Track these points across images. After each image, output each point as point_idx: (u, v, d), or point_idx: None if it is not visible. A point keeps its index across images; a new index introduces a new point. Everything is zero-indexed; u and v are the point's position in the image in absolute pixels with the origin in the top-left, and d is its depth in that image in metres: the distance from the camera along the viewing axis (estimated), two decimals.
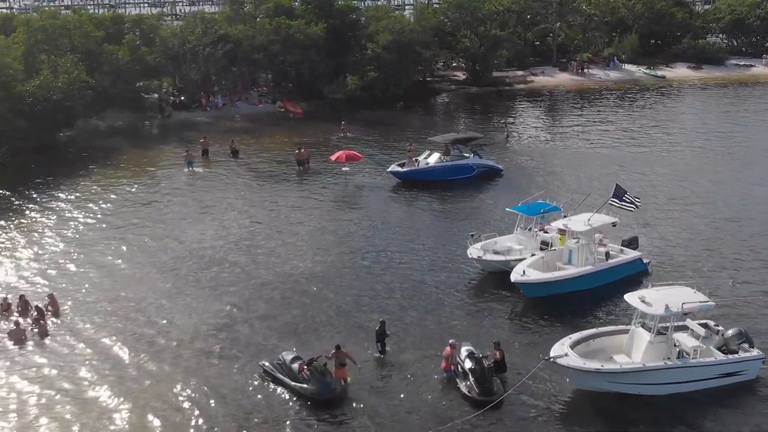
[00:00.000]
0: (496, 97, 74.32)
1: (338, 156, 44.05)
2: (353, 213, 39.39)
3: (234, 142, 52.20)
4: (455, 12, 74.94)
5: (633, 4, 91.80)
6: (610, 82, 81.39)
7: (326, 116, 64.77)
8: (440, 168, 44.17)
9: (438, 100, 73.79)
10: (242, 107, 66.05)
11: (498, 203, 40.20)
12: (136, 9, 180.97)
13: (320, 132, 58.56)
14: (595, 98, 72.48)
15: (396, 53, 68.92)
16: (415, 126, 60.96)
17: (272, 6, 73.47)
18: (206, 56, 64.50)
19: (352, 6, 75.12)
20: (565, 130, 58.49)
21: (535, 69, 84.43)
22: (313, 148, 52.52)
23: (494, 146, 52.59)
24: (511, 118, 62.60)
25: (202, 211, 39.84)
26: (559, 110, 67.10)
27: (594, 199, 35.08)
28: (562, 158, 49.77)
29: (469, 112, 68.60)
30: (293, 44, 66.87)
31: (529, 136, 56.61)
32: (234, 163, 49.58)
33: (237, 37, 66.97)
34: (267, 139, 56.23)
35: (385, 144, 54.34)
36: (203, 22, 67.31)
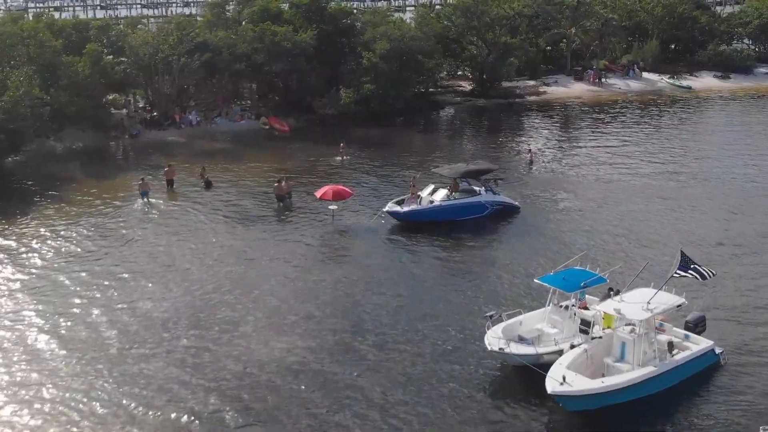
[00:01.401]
0: (506, 111, 66.89)
1: (324, 193, 36.64)
2: (340, 268, 31.91)
3: (205, 170, 44.82)
4: (461, 16, 67.48)
5: (653, 7, 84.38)
6: (631, 93, 73.91)
7: (316, 134, 57.44)
8: (447, 207, 36.75)
9: (442, 114, 66.33)
10: (221, 124, 58.66)
11: (518, 256, 32.85)
12: (129, 10, 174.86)
13: (310, 154, 51.15)
14: (617, 112, 64.99)
15: (395, 63, 61.55)
16: (416, 147, 53.53)
17: (257, 10, 66.13)
18: (181, 67, 57.09)
19: (346, 10, 67.70)
20: (590, 152, 50.96)
21: (548, 78, 77.01)
22: (301, 175, 45.21)
23: (511, 171, 45.18)
24: (533, 140, 54.88)
25: (150, 266, 32.47)
26: (579, 127, 59.59)
27: (642, 254, 27.73)
28: (592, 191, 42.24)
29: (478, 129, 61.15)
30: (279, 53, 59.51)
31: (548, 160, 49.10)
32: (204, 196, 42.19)
33: (217, 45, 59.59)
34: (247, 164, 48.73)
35: (381, 171, 46.80)
36: (179, 28, 59.91)
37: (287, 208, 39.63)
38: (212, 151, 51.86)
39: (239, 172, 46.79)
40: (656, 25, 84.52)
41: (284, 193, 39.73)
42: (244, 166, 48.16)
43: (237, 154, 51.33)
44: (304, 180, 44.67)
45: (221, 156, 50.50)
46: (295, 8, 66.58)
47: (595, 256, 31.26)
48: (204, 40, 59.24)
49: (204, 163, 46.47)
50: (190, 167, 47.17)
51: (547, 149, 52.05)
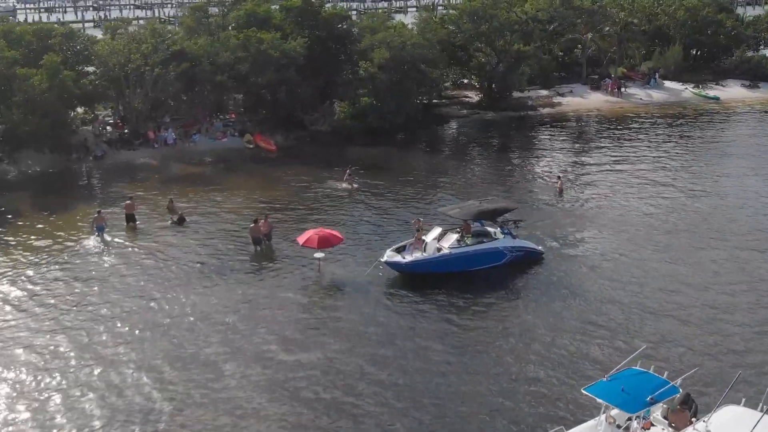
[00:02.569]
0: (517, 126, 60.48)
1: (308, 239, 30.18)
2: (329, 343, 25.46)
3: (173, 203, 38.47)
4: (468, 21, 61.03)
5: (674, 10, 77.91)
6: (654, 105, 67.43)
7: (307, 154, 51.03)
8: (458, 256, 30.33)
9: (447, 129, 59.88)
10: (201, 142, 52.22)
11: (549, 324, 26.49)
12: (120, 11, 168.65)
13: (300, 178, 44.78)
14: (642, 127, 58.53)
15: (395, 73, 55.16)
16: (418, 170, 47.07)
17: (243, 14, 59.76)
18: (154, 78, 50.71)
19: (341, 13, 61.28)
20: (621, 177, 44.38)
21: (562, 87, 70.51)
22: (287, 206, 38.92)
23: (532, 202, 38.70)
24: (554, 160, 48.29)
25: (99, 330, 26.14)
26: (603, 146, 53.00)
27: (722, 343, 21.34)
28: (633, 228, 35.77)
29: (487, 148, 54.63)
30: (266, 63, 53.11)
31: (573, 187, 42.50)
32: (171, 233, 35.82)
33: (196, 53, 53.21)
34: (226, 192, 42.30)
35: (378, 203, 40.37)
36: (154, 35, 53.52)
37: (266, 253, 33.24)
38: (187, 176, 45.43)
39: (216, 202, 40.36)
40: (678, 30, 78.07)
41: (262, 234, 33.32)
42: (222, 195, 41.70)
43: (215, 179, 44.89)
44: (290, 212, 38.37)
45: (197, 182, 44.08)
46: (286, 12, 60.19)
47: (655, 339, 24.80)
48: (181, 48, 52.86)
49: (172, 195, 40.21)
50: (158, 197, 40.89)
51: (571, 173, 45.53)
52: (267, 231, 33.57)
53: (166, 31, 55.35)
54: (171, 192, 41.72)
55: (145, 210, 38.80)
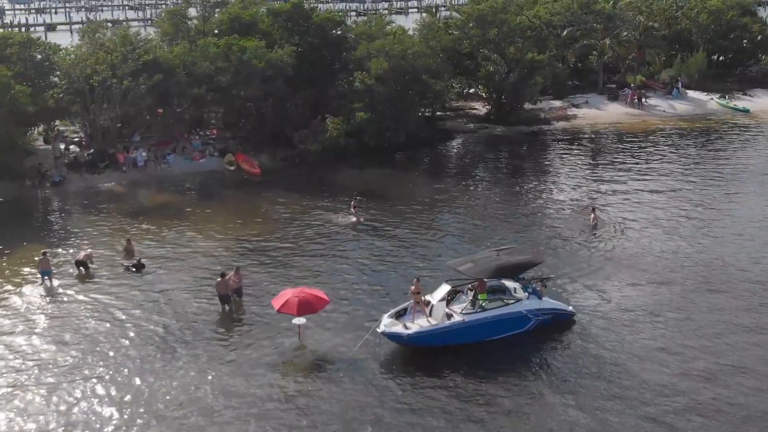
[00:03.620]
0: (530, 142, 54.54)
1: (285, 304, 24.24)
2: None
3: (131, 243, 32.62)
4: (475, 27, 55.10)
5: (697, 13, 72.00)
6: (679, 117, 61.48)
7: (295, 178, 45.18)
8: (473, 325, 24.39)
9: (452, 146, 53.89)
10: (175, 164, 46.28)
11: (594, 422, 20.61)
12: (111, 12, 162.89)
13: (287, 210, 38.91)
14: (672, 145, 52.49)
15: (395, 85, 49.32)
16: (422, 198, 41.07)
17: (226, 19, 53.91)
18: (123, 92, 44.85)
19: (335, 18, 55.35)
20: (656, 209, 38.11)
21: (577, 98, 64.69)
22: (267, 251, 32.99)
23: (559, 246, 32.74)
24: (586, 191, 42.22)
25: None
26: (629, 168, 46.76)
27: None
28: (675, 282, 29.76)
29: (499, 170, 48.52)
30: (249, 74, 47.25)
31: (605, 220, 36.56)
32: (128, 283, 29.91)
33: (171, 63, 47.34)
34: (198, 227, 36.35)
35: (373, 242, 34.46)
36: (124, 42, 47.60)
37: (236, 313, 27.29)
38: (155, 207, 39.47)
39: (185, 241, 34.39)
40: (700, 35, 72.21)
41: (231, 291, 27.38)
42: (193, 230, 35.75)
43: (187, 210, 38.93)
44: (271, 255, 32.45)
45: (166, 214, 38.13)
46: (273, 17, 54.32)
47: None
48: (155, 58, 46.98)
49: (134, 232, 34.46)
50: (118, 231, 35.03)
51: (600, 201, 39.53)
52: (237, 285, 27.62)
53: (138, 38, 49.28)
54: (134, 227, 35.93)
55: (103, 250, 32.93)
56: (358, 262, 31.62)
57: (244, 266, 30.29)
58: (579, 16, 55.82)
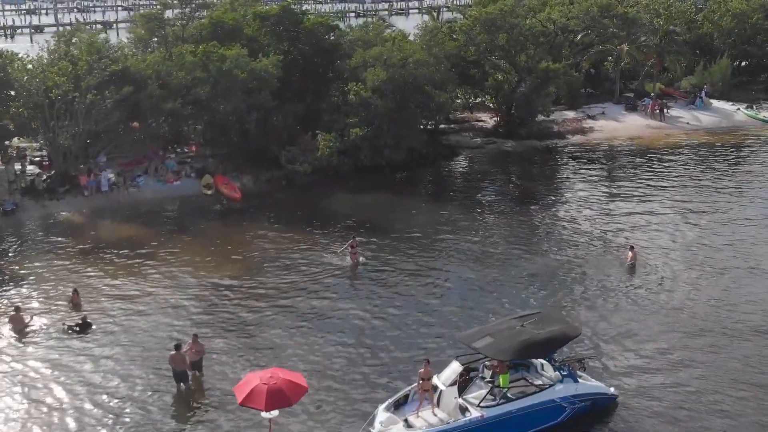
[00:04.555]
0: (542, 159, 49.29)
1: (251, 395, 18.85)
2: None
3: (78, 295, 27.44)
4: (482, 32, 49.81)
5: (720, 17, 66.78)
6: (705, 130, 56.18)
7: (282, 204, 40.10)
8: (494, 421, 19.08)
9: (457, 165, 48.57)
10: (146, 187, 41.07)
11: None
12: (104, 15, 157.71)
13: (271, 246, 33.71)
14: (701, 161, 47.20)
15: (394, 97, 44.11)
16: (424, 229, 35.74)
17: (208, 24, 48.70)
18: (87, 107, 39.68)
19: (328, 23, 50.04)
20: (699, 245, 32.75)
21: (592, 108, 59.52)
22: (243, 300, 27.81)
23: (592, 296, 27.49)
24: (613, 222, 36.91)
25: None
26: (660, 192, 41.09)
27: None
28: (740, 348, 24.55)
29: (511, 195, 43.09)
30: (230, 85, 42.06)
31: (646, 256, 31.24)
32: (68, 348, 24.71)
33: (143, 74, 42.14)
34: (162, 269, 31.09)
35: (370, 289, 29.25)
36: (90, 51, 42.36)
37: (193, 395, 22.04)
38: (116, 242, 34.10)
39: (146, 289, 29.15)
40: (723, 40, 66.99)
41: (187, 366, 22.10)
42: (156, 274, 30.50)
43: (154, 246, 33.61)
44: (247, 309, 27.20)
45: (126, 252, 32.83)
46: (260, 21, 49.09)
47: None
48: (124, 68, 41.76)
49: (85, 279, 29.25)
50: (69, 275, 29.85)
51: (632, 235, 34.21)
52: (196, 358, 22.38)
53: (107, 45, 44.01)
54: (87, 269, 30.77)
55: (44, 300, 27.76)
56: (353, 322, 26.29)
57: (212, 325, 25.12)
58: (598, 20, 50.35)
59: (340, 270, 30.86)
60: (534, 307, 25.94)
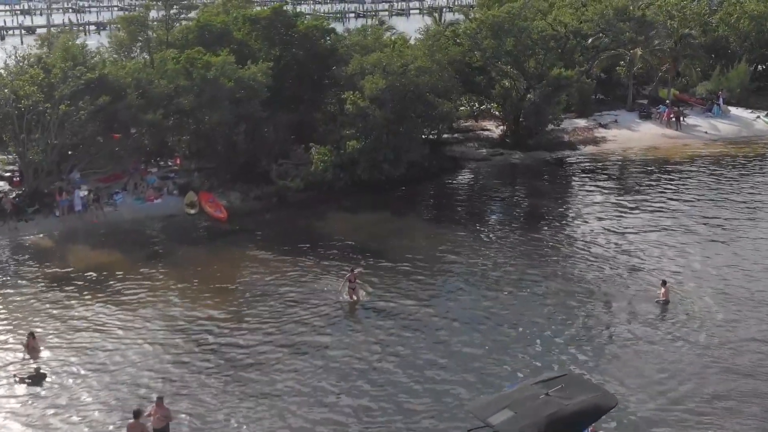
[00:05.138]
0: (553, 173, 45.95)
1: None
2: None
3: (35, 338, 24.14)
4: (489, 36, 46.46)
5: (737, 19, 63.47)
6: (724, 140, 52.86)
7: (272, 225, 36.78)
8: None
9: (462, 179, 45.15)
10: (125, 206, 37.72)
11: None
12: (98, 15, 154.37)
13: (258, 273, 30.47)
14: (724, 175, 43.83)
15: (394, 107, 40.80)
16: (427, 253, 32.42)
17: (194, 27, 45.37)
18: (60, 119, 36.39)
19: (323, 26, 46.62)
20: (740, 275, 29.49)
21: (604, 116, 56.18)
22: (223, 349, 24.51)
23: (621, 340, 24.17)
24: (637, 247, 33.56)
25: None
26: (683, 208, 38.09)
27: None
28: None
29: (521, 215, 39.72)
30: (215, 95, 38.74)
31: (673, 294, 27.99)
32: (15, 404, 21.41)
33: (121, 82, 38.83)
34: (133, 306, 27.75)
35: (371, 331, 25.96)
36: (65, 57, 39.04)
37: None
38: (84, 272, 30.61)
39: (112, 331, 25.79)
40: (741, 43, 63.71)
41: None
42: (127, 313, 27.16)
43: (127, 279, 30.21)
44: (225, 358, 23.91)
45: (96, 284, 29.49)
46: (250, 24, 45.76)
47: None
48: (101, 76, 38.41)
49: (43, 321, 25.90)
50: (22, 320, 26.51)
51: (662, 262, 30.87)
52: (161, 424, 19.06)
53: (84, 51, 40.65)
54: (49, 306, 27.40)
55: None
56: (355, 367, 23.06)
57: (184, 377, 21.82)
58: (614, 23, 46.88)
59: (337, 303, 27.56)
60: (556, 346, 22.89)
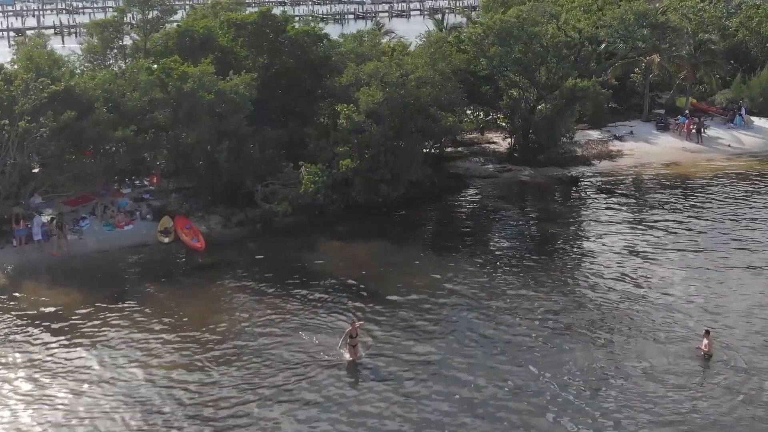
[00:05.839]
0: (566, 193, 41.96)
1: None
2: None
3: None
4: (496, 43, 42.51)
5: (758, 23, 59.62)
6: (749, 154, 49.09)
7: (254, 257, 32.85)
8: None
9: (467, 200, 41.09)
10: (91, 233, 33.80)
11: None
12: (91, 16, 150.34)
13: (239, 319, 26.67)
14: (754, 194, 40.03)
15: (392, 122, 36.90)
16: (434, 293, 28.59)
17: (174, 33, 41.44)
18: (19, 137, 32.51)
19: (315, 32, 42.53)
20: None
21: (618, 127, 52.45)
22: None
23: (657, 399, 20.42)
24: (672, 285, 29.93)
25: None
26: (713, 236, 34.36)
27: None
28: None
29: (535, 242, 35.89)
30: (193, 109, 34.83)
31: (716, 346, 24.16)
32: None
33: (89, 95, 34.91)
34: (87, 365, 23.97)
35: (371, 397, 22.14)
36: (28, 67, 35.13)
37: None
38: (35, 319, 26.77)
39: (60, 402, 21.96)
40: (762, 48, 59.86)
41: None
42: (81, 371, 23.35)
43: (84, 325, 26.30)
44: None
45: (46, 335, 25.57)
46: (236, 29, 41.83)
47: None
48: (67, 88, 34.47)
49: None
50: None
51: (694, 297, 27.10)
52: None
53: (49, 60, 36.71)
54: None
55: None
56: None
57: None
58: (634, 30, 42.83)
59: (331, 369, 23.54)
60: (585, 415, 19.23)
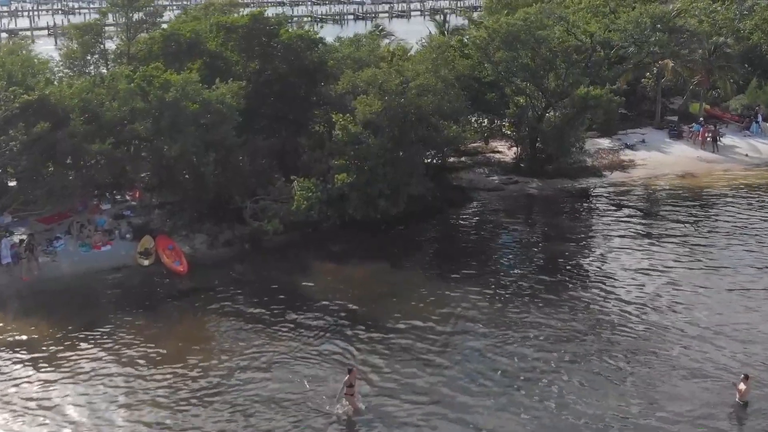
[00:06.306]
0: (576, 207, 39.36)
1: None
2: None
3: None
4: (502, 48, 39.90)
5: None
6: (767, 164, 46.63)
7: (242, 282, 30.21)
8: None
9: (471, 215, 38.43)
10: (66, 254, 31.23)
11: None
12: (85, 17, 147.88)
13: (221, 365, 24.10)
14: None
15: (391, 133, 34.36)
16: (436, 318, 26.03)
17: (159, 37, 38.87)
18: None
19: (309, 36, 39.86)
20: None
21: (629, 135, 49.91)
22: None
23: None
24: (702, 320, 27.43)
25: None
26: (732, 253, 31.90)
27: None
28: None
29: (545, 266, 33.16)
30: (176, 120, 32.28)
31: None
32: None
33: (67, 104, 32.36)
34: (62, 403, 21.49)
35: None
36: (1, 76, 32.61)
37: None
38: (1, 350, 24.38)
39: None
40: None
41: None
42: (39, 411, 20.82)
43: (51, 364, 23.77)
44: None
45: (10, 374, 23.10)
46: (226, 33, 39.24)
47: None
48: (41, 97, 31.90)
49: None
50: None
51: (725, 329, 24.57)
52: None
53: (23, 67, 34.17)
54: None
55: None
56: None
57: None
58: (650, 34, 40.27)
59: (328, 423, 21.00)
60: None
